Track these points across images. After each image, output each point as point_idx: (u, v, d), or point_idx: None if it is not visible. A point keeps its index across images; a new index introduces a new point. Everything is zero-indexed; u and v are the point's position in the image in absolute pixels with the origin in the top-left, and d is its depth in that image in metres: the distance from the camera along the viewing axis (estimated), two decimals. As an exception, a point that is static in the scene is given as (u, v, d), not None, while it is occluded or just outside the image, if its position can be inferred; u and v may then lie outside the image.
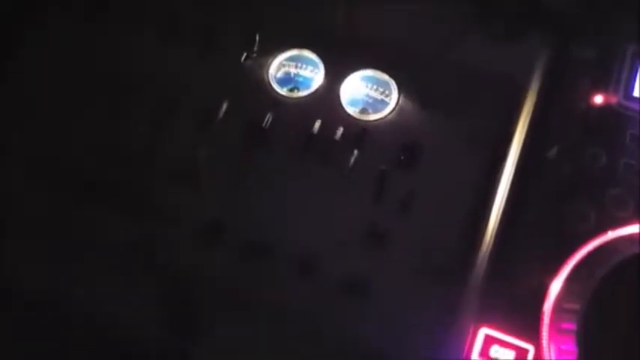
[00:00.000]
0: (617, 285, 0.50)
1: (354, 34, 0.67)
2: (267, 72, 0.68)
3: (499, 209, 0.57)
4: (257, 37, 0.68)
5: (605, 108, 0.57)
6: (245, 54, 0.69)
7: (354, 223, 0.60)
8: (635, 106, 0.57)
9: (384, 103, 0.66)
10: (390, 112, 0.65)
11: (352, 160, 0.63)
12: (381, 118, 0.65)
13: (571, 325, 0.50)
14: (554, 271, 0.53)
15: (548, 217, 0.55)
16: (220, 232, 0.62)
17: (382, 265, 0.59)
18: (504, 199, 0.57)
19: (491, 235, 0.56)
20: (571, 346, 0.50)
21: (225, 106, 0.66)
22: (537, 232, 0.55)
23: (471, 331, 0.52)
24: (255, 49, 0.69)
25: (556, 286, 0.53)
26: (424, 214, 0.60)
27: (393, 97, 0.66)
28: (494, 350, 0.52)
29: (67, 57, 0.68)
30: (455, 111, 0.63)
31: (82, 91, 0.67)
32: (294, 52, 0.68)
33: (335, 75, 0.67)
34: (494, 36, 0.63)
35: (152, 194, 0.63)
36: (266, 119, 0.65)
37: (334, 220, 0.61)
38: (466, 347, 0.52)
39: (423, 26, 0.66)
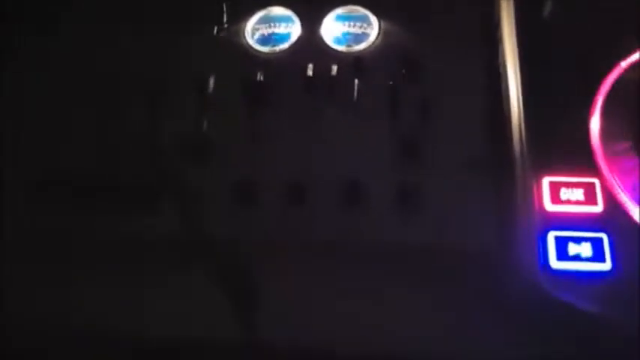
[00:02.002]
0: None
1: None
2: (244, 39, 0.67)
3: (516, 75, 0.58)
4: (224, 8, 0.68)
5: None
6: (216, 27, 0.68)
7: (382, 141, 0.59)
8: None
9: (366, 35, 0.67)
10: (376, 39, 0.66)
11: (356, 89, 0.63)
12: (369, 46, 0.66)
13: (625, 145, 0.52)
14: (588, 109, 0.55)
15: (564, 65, 0.56)
16: (253, 191, 0.59)
17: (425, 171, 0.58)
18: (518, 68, 0.58)
19: (517, 97, 0.57)
20: (632, 162, 0.51)
21: (212, 80, 0.65)
22: (559, 81, 0.56)
23: (535, 185, 0.53)
24: (225, 19, 0.68)
25: (595, 122, 0.54)
26: (446, 115, 0.60)
27: (373, 26, 0.67)
28: (564, 193, 0.52)
29: (47, 53, 0.65)
30: (436, 13, 0.64)
31: (76, 91, 0.64)
32: (262, 12, 0.69)
33: (310, 22, 0.68)
34: None
35: (170, 180, 0.60)
36: (258, 77, 0.64)
37: (363, 145, 0.60)
38: (536, 200, 0.52)
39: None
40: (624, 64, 0.55)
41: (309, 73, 0.64)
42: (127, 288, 0.57)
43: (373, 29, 0.67)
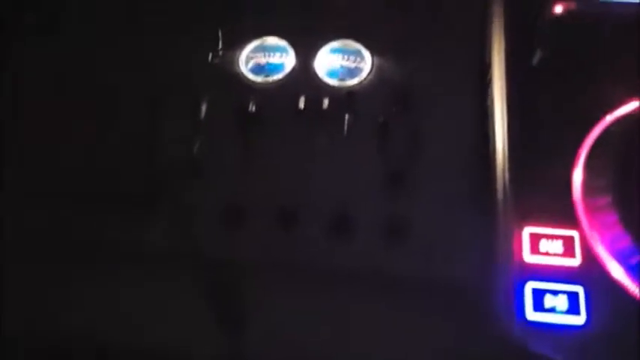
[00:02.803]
0: (632, 150, 0.52)
1: (311, 8, 0.68)
2: (238, 67, 0.67)
3: (503, 121, 0.58)
4: (220, 34, 0.68)
5: (567, 14, 0.61)
6: (211, 53, 0.68)
7: (370, 173, 0.60)
8: (592, 7, 0.61)
9: (359, 69, 0.67)
10: (369, 74, 0.66)
11: (346, 124, 0.63)
12: (361, 81, 0.66)
13: (606, 199, 0.52)
14: (571, 161, 0.55)
15: (551, 117, 0.57)
16: (243, 215, 0.59)
17: (411, 203, 0.58)
18: (505, 113, 0.58)
19: (503, 145, 0.57)
20: (612, 218, 0.51)
21: (206, 105, 0.65)
22: (544, 131, 0.56)
23: (515, 234, 0.53)
24: (220, 46, 0.68)
25: (577, 174, 0.54)
26: (434, 150, 0.60)
27: (367, 61, 0.67)
28: (543, 245, 0.52)
29: (44, 66, 0.65)
30: (429, 49, 0.64)
31: (62, 101, 0.64)
32: (257, 42, 0.68)
33: (304, 54, 0.67)
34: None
35: (166, 198, 0.60)
36: (250, 106, 0.64)
37: (351, 177, 0.60)
38: (516, 250, 0.52)
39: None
40: (610, 117, 0.55)
41: (301, 105, 0.64)
42: (111, 297, 0.57)
43: (366, 64, 0.67)
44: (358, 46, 0.68)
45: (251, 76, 0.67)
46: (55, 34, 0.68)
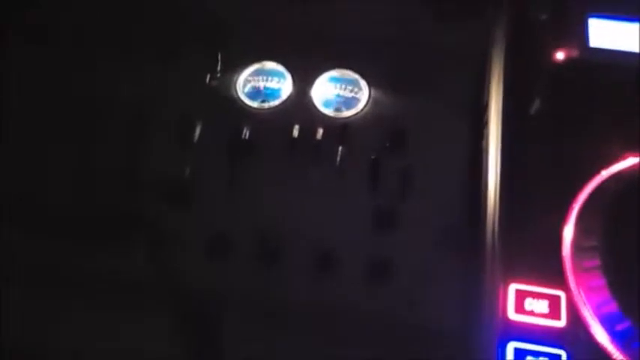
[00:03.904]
0: (625, 212, 0.49)
1: (312, 36, 0.65)
2: (235, 89, 0.65)
3: (496, 171, 0.56)
4: (219, 57, 0.65)
5: (569, 62, 0.58)
6: (209, 75, 0.65)
7: (359, 210, 0.58)
8: (593, 56, 0.58)
9: (356, 100, 0.64)
10: (365, 106, 0.64)
11: (339, 156, 0.61)
12: (357, 113, 0.63)
13: (594, 262, 0.49)
14: (563, 218, 0.52)
15: (545, 167, 0.54)
16: (227, 245, 0.57)
17: (397, 244, 0.57)
18: (499, 162, 0.56)
19: (494, 197, 0.54)
20: (599, 282, 0.49)
21: (199, 128, 0.62)
22: (537, 184, 0.54)
23: (501, 289, 0.50)
24: (219, 68, 0.66)
25: (568, 232, 0.52)
26: (424, 190, 0.58)
27: (364, 91, 0.64)
28: (529, 303, 0.50)
29: (35, 84, 0.63)
30: (427, 88, 0.62)
31: (52, 121, 0.62)
32: (256, 66, 0.66)
33: (302, 81, 0.65)
34: (450, 9, 0.64)
35: (148, 222, 0.58)
36: (244, 133, 0.62)
37: (338, 213, 0.58)
38: (500, 306, 0.50)
39: (379, 14, 0.65)
40: (605, 173, 0.52)
41: (295, 134, 0.62)
42: (86, 325, 0.55)
43: (363, 95, 0.64)
44: (356, 76, 0.65)
45: (247, 101, 0.64)
46: (44, 56, 0.65)
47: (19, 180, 0.60)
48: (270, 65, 0.66)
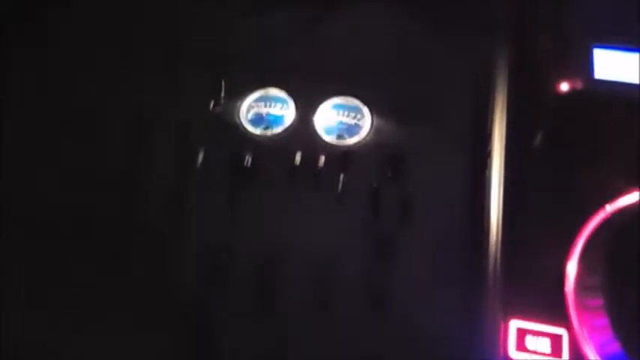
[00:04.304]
0: (630, 250, 0.48)
1: (315, 64, 0.64)
2: (238, 115, 0.64)
3: (498, 201, 0.54)
4: (223, 83, 0.65)
5: (572, 93, 0.57)
6: (213, 101, 0.65)
7: (359, 238, 0.57)
8: (598, 88, 0.57)
9: (359, 127, 0.63)
10: (367, 134, 0.63)
11: (340, 184, 0.60)
12: (359, 141, 0.62)
13: (597, 301, 0.48)
14: (566, 253, 0.51)
15: (548, 201, 0.53)
16: (225, 272, 0.56)
17: (396, 275, 0.56)
18: (501, 192, 0.54)
19: (496, 229, 0.53)
20: (603, 321, 0.47)
21: (202, 154, 0.62)
22: (541, 218, 0.53)
23: (502, 326, 0.49)
24: (222, 94, 0.65)
25: (572, 267, 0.50)
26: (425, 220, 0.57)
27: (367, 119, 0.63)
28: (529, 341, 0.49)
29: (38, 97, 0.63)
30: (430, 117, 0.61)
31: (53, 138, 0.62)
32: (260, 92, 0.65)
33: (305, 108, 0.64)
34: (453, 37, 0.63)
35: (149, 242, 0.57)
36: (246, 160, 0.61)
37: (338, 242, 0.57)
38: (501, 344, 0.48)
39: (381, 42, 0.65)
40: (610, 208, 0.51)
41: (297, 161, 0.61)
42: (82, 345, 0.54)
43: (366, 122, 0.63)
44: (359, 103, 0.64)
45: (250, 128, 0.64)
46: (48, 72, 0.65)
47: (18, 189, 0.59)
48: (274, 92, 0.65)
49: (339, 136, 0.63)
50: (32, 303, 0.56)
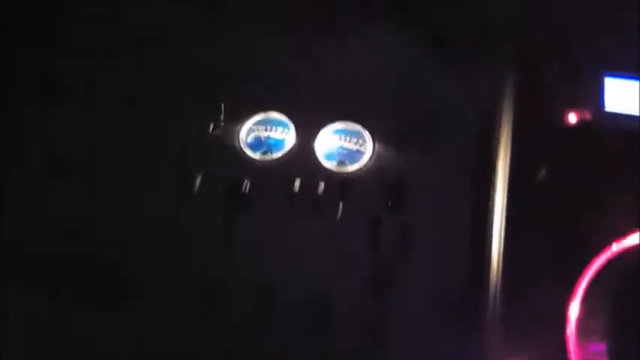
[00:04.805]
0: (635, 293, 0.45)
1: (318, 88, 0.63)
2: (238, 139, 0.62)
3: (500, 236, 0.52)
4: (222, 106, 0.64)
5: (580, 125, 0.55)
6: (212, 124, 0.63)
7: (356, 269, 0.55)
8: (609, 120, 0.54)
9: (360, 153, 0.61)
10: (369, 161, 0.61)
11: (339, 212, 0.58)
12: (360, 168, 0.61)
13: (600, 346, 0.45)
14: (569, 294, 0.48)
15: (551, 238, 0.50)
16: (220, 301, 0.55)
17: (392, 309, 0.54)
18: (503, 226, 0.52)
19: (497, 265, 0.51)
20: (605, 368, 0.45)
21: (200, 178, 0.60)
22: (543, 255, 0.50)
23: (499, 370, 0.47)
24: (222, 117, 0.64)
25: (574, 309, 0.48)
26: (423, 252, 0.55)
27: (368, 145, 0.61)
28: (528, 386, 0.46)
29: (33, 139, 0.61)
30: (433, 145, 0.59)
31: (51, 174, 0.61)
32: (261, 115, 0.64)
33: (306, 132, 0.62)
34: (458, 63, 0.61)
35: (142, 273, 0.56)
36: (244, 185, 0.60)
37: (336, 270, 0.55)
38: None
39: (386, 67, 0.63)
40: (616, 247, 0.48)
41: (296, 187, 0.59)
42: None
43: (368, 148, 0.61)
44: (361, 129, 0.62)
45: (249, 152, 0.62)
46: (53, 107, 0.64)
47: (17, 233, 0.59)
48: (275, 115, 0.64)
49: (340, 162, 0.61)
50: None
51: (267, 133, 0.63)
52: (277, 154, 0.62)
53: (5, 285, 0.56)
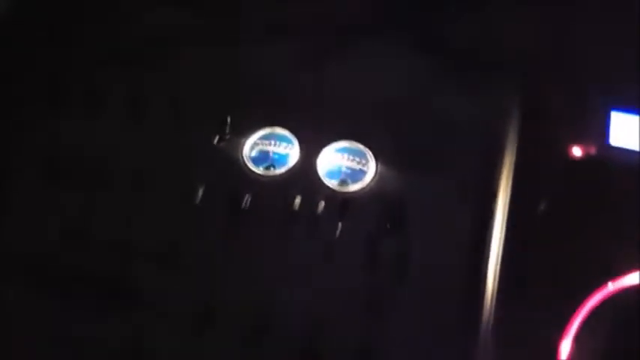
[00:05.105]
0: (628, 337, 0.45)
1: (324, 105, 0.63)
2: (242, 152, 0.62)
3: (496, 266, 0.52)
4: (228, 119, 0.64)
5: (585, 159, 0.54)
6: (217, 136, 0.64)
7: (351, 292, 0.55)
8: (613, 154, 0.54)
9: (363, 173, 0.61)
10: (371, 181, 0.61)
11: (338, 232, 0.58)
12: (362, 188, 0.60)
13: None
14: (562, 330, 0.48)
15: (547, 272, 0.50)
16: (210, 318, 0.55)
17: (385, 334, 0.53)
18: (500, 257, 0.52)
19: (491, 295, 0.51)
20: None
21: (201, 191, 0.61)
22: (538, 288, 0.50)
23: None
24: (227, 130, 0.64)
25: (566, 346, 0.47)
26: (420, 278, 0.55)
27: (371, 165, 0.61)
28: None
29: (35, 146, 0.62)
30: (435, 169, 0.59)
31: (51, 180, 0.60)
32: (266, 130, 0.64)
33: (310, 149, 0.62)
34: (465, 87, 0.60)
35: (134, 285, 0.56)
36: (245, 200, 0.60)
37: (330, 294, 0.55)
38: None
39: (392, 87, 0.62)
40: (612, 285, 0.48)
41: (296, 206, 0.59)
42: None
43: (370, 168, 0.61)
44: (364, 149, 0.62)
45: (252, 166, 0.62)
46: (56, 110, 0.64)
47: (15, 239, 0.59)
48: (280, 130, 0.64)
49: (342, 181, 0.61)
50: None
51: (271, 148, 0.63)
52: (280, 170, 0.62)
53: (5, 286, 0.57)
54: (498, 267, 0.51)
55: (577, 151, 0.54)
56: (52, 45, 0.64)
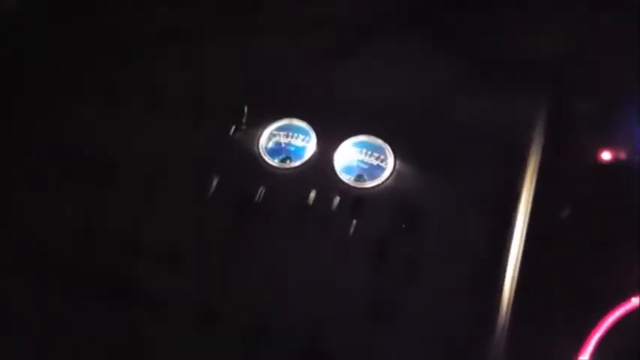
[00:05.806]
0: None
1: (344, 98, 0.60)
2: (258, 143, 0.61)
3: (513, 277, 0.49)
4: (245, 109, 0.62)
5: (613, 164, 0.51)
6: (234, 126, 0.62)
7: (357, 296, 0.53)
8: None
9: (380, 169, 0.59)
10: (388, 178, 0.58)
11: (351, 230, 0.56)
12: (378, 185, 0.58)
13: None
14: (579, 345, 0.45)
15: (567, 283, 0.47)
16: (214, 317, 0.54)
17: (390, 340, 0.51)
18: (518, 266, 0.49)
19: (507, 307, 0.48)
20: None
21: (215, 181, 0.59)
22: (556, 300, 0.47)
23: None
24: (244, 120, 0.62)
25: (583, 362, 0.45)
26: (431, 284, 0.52)
27: (389, 161, 0.59)
28: None
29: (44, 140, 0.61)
30: (456, 171, 0.56)
31: (61, 172, 0.60)
32: (284, 121, 0.62)
33: (327, 143, 0.60)
34: (492, 91, 0.57)
35: (140, 281, 0.55)
36: (258, 193, 0.58)
37: (336, 295, 0.53)
38: None
39: (416, 85, 0.60)
40: (637, 300, 0.45)
41: (310, 201, 0.57)
42: None
43: (388, 165, 0.59)
44: (383, 144, 0.60)
45: (267, 158, 0.60)
46: (66, 107, 0.63)
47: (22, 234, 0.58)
48: (297, 122, 0.62)
49: (359, 177, 0.59)
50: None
51: (287, 140, 0.61)
52: (296, 163, 0.60)
53: (7, 285, 0.56)
54: (515, 278, 0.48)
55: (606, 156, 0.50)
56: (64, 41, 0.63)
